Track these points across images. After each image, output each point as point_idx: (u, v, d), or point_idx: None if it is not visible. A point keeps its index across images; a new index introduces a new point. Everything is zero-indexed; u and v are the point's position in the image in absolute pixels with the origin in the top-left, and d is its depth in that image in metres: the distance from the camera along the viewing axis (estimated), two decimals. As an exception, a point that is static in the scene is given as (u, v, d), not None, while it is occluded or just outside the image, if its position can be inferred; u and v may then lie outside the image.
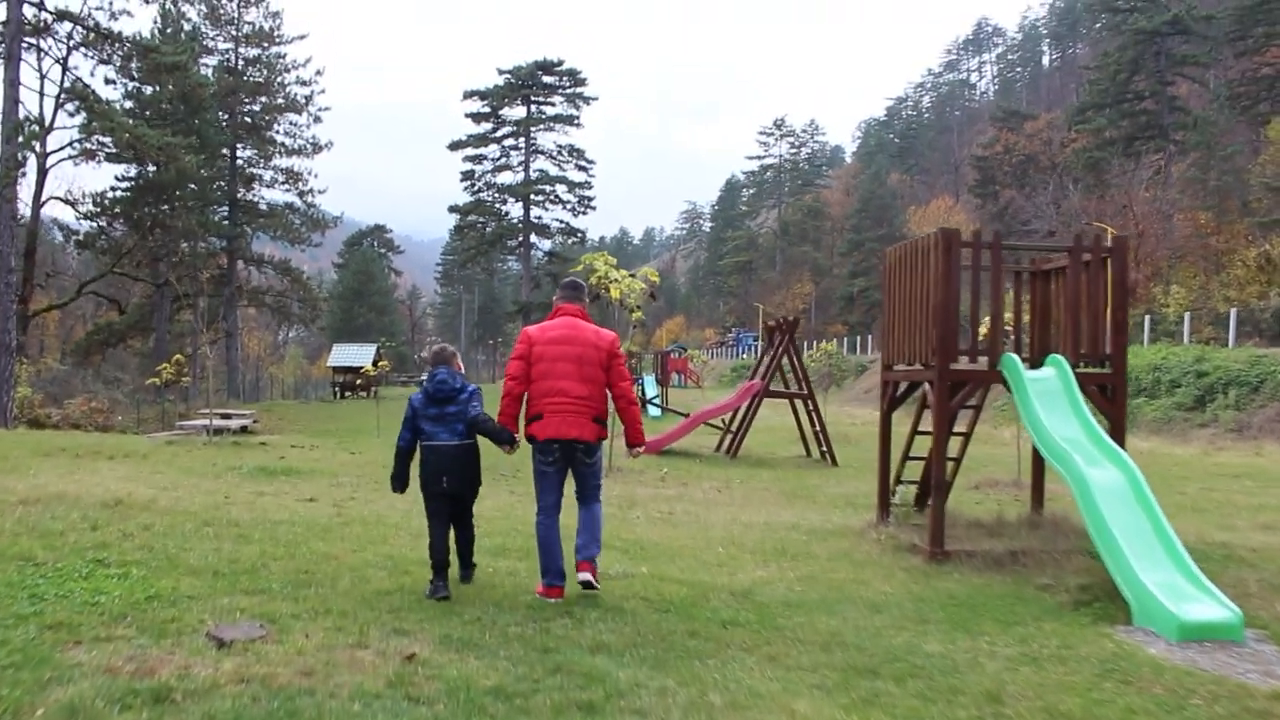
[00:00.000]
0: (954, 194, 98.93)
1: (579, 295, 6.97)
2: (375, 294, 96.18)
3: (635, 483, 14.02)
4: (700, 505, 12.16)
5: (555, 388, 6.45)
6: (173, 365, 30.18)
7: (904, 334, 9.81)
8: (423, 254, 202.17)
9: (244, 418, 35.21)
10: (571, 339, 6.56)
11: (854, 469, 18.43)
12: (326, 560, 7.17)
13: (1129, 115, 68.53)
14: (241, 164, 53.65)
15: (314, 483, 11.86)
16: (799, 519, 11.28)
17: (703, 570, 7.95)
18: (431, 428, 6.59)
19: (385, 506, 10.19)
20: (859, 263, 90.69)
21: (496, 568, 7.41)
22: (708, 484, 14.47)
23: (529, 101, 73.83)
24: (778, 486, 14.67)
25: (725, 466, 17.69)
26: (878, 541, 9.54)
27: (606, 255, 15.02)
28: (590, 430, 6.53)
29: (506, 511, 10.51)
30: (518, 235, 75.23)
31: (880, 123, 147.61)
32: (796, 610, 6.69)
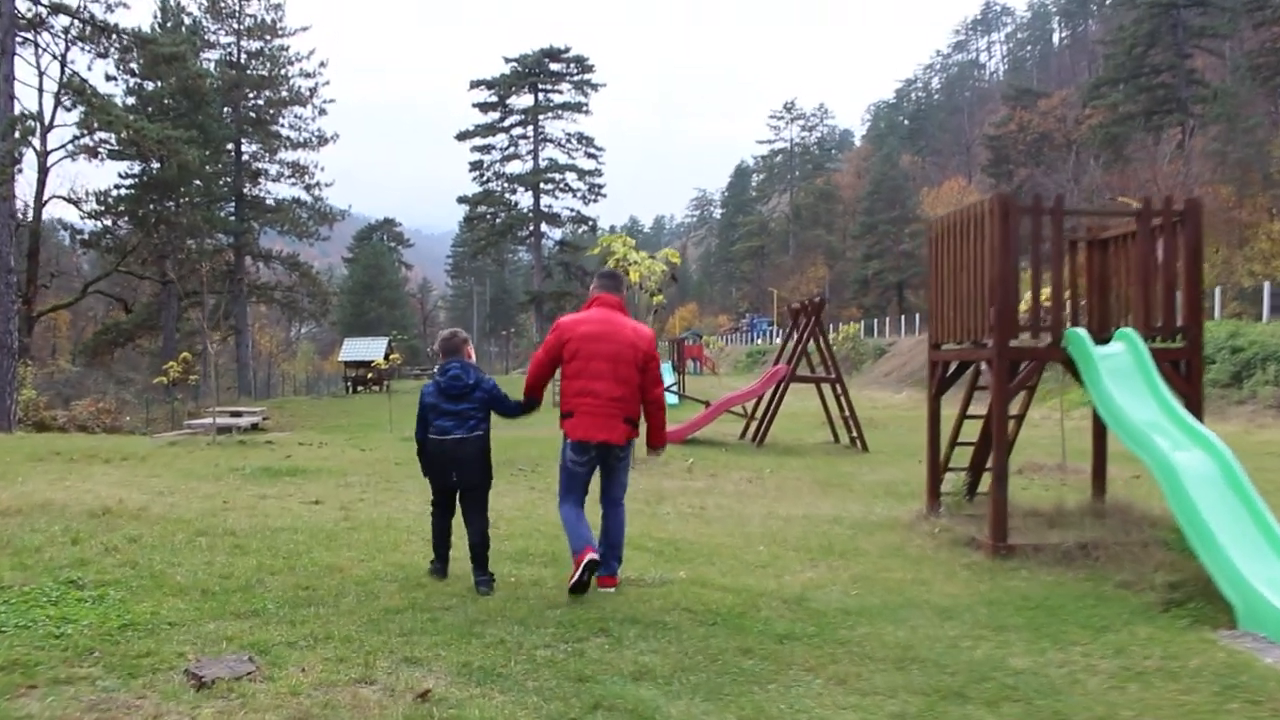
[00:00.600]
0: (966, 175, 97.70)
1: (618, 286, 6.70)
2: (386, 288, 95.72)
3: (661, 474, 13.27)
4: (733, 498, 11.41)
5: (588, 387, 6.24)
6: (180, 363, 29.58)
7: (954, 310, 9.03)
8: (433, 247, 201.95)
9: (254, 415, 34.71)
10: (609, 336, 6.30)
11: (886, 455, 17.67)
12: (330, 573, 6.43)
13: (1146, 90, 67.53)
14: (247, 159, 52.96)
15: (321, 483, 11.14)
16: (840, 511, 10.53)
17: (746, 573, 7.21)
18: (444, 422, 6.31)
19: (397, 508, 9.47)
20: (872, 246, 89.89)
21: (519, 576, 6.67)
22: (737, 474, 13.72)
23: (536, 89, 73.02)
24: (810, 475, 13.91)
25: (753, 455, 16.93)
26: (931, 535, 8.78)
27: (625, 237, 14.27)
28: (620, 432, 6.33)
29: (528, 510, 9.78)
30: (528, 225, 74.47)
31: (890, 105, 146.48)
32: (858, 619, 5.95)
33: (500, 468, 13.83)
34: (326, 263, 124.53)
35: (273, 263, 54.00)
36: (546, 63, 72.27)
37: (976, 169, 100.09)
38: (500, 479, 12.51)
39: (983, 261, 8.29)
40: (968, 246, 8.62)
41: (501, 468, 13.68)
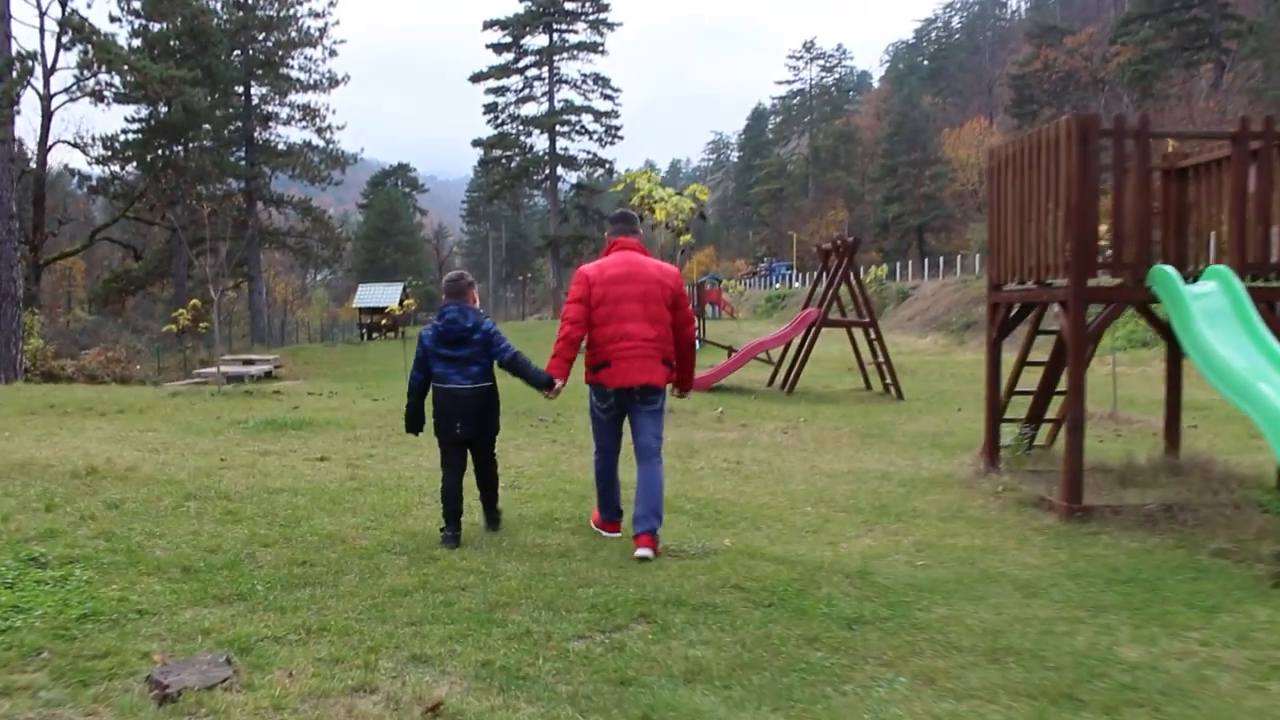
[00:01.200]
0: (988, 115, 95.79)
1: (634, 227, 6.49)
2: (401, 233, 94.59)
3: (690, 425, 12.52)
4: (769, 451, 10.64)
5: (621, 331, 6.00)
6: (189, 310, 28.90)
7: (1020, 247, 8.17)
8: (448, 193, 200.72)
9: (267, 363, 34.14)
10: (634, 276, 6.09)
11: (922, 403, 16.88)
12: (330, 544, 5.71)
13: (1177, 24, 65.61)
14: (256, 102, 51.76)
15: (328, 437, 10.41)
16: (887, 465, 9.76)
17: (797, 540, 6.47)
18: (443, 369, 6.09)
19: (409, 465, 8.75)
20: (893, 188, 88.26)
21: (545, 545, 5.94)
22: (771, 424, 12.95)
23: (551, 29, 71.33)
24: (848, 425, 13.13)
25: (783, 403, 16.16)
26: (994, 494, 8.00)
27: (650, 173, 13.38)
28: (661, 373, 6.13)
29: (550, 466, 9.02)
30: (543, 168, 73.17)
31: (909, 45, 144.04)
32: (932, 597, 5.19)
33: (518, 418, 13.16)
34: (342, 209, 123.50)
35: (285, 208, 53.02)
36: (561, 1, 70.57)
37: (999, 109, 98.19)
38: (519, 431, 11.82)
39: (1056, 191, 7.41)
40: (1037, 175, 7.74)
41: (520, 418, 13.01)
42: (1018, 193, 8.13)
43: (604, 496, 6.38)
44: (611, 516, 6.36)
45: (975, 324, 42.41)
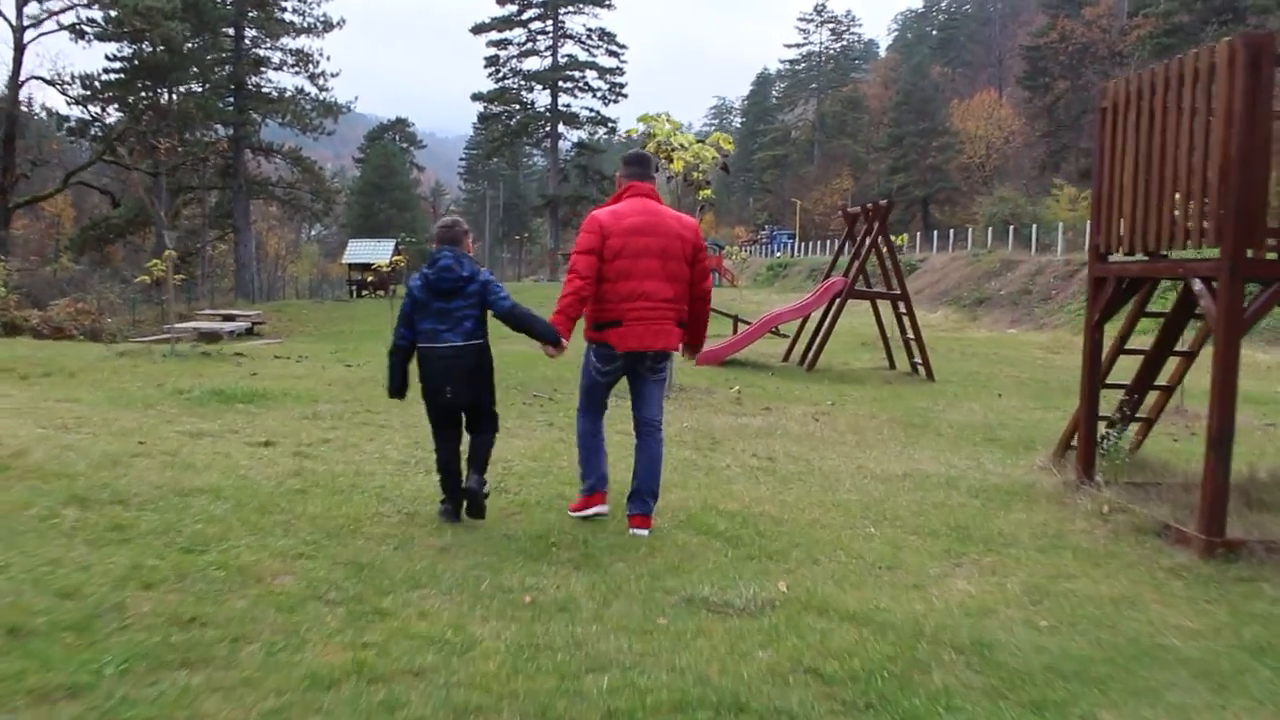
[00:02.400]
0: (997, 87, 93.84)
1: (649, 171, 5.86)
2: (396, 189, 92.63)
3: (706, 406, 10.92)
4: (803, 443, 9.04)
5: (639, 290, 5.45)
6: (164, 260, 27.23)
7: (1142, 207, 6.53)
8: (446, 151, 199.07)
9: (248, 319, 32.50)
10: (653, 228, 5.53)
11: (955, 385, 15.31)
12: (240, 584, 4.11)
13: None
14: (247, 44, 49.39)
15: (282, 413, 8.79)
16: (945, 467, 8.18)
17: (871, 581, 4.91)
18: (433, 325, 5.41)
19: (372, 455, 7.14)
20: (899, 158, 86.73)
21: (539, 589, 4.35)
22: (797, 408, 11.35)
23: (556, -19, 69.24)
24: (884, 412, 11.53)
25: (805, 382, 14.55)
26: (1099, 517, 6.41)
27: (669, 115, 11.66)
28: (675, 337, 5.70)
29: (546, 461, 7.41)
30: (544, 125, 71.13)
31: (918, 15, 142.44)
32: (1083, 689, 3.65)
33: (510, 394, 11.46)
34: (339, 164, 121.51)
35: (274, 157, 50.88)
36: (567, -48, 68.45)
37: (1008, 81, 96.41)
38: (509, 411, 10.14)
39: (1205, 135, 5.77)
40: (1176, 116, 6.09)
41: (512, 393, 11.35)
42: (1144, 137, 6.48)
43: (589, 463, 5.77)
44: (598, 482, 5.74)
45: (988, 300, 40.94)
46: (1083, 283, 36.64)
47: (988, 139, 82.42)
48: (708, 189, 12.19)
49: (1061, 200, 61.48)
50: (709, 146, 11.55)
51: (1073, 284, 37.05)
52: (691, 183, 11.97)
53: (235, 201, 47.40)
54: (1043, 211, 60.57)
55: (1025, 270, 41.37)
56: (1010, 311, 37.97)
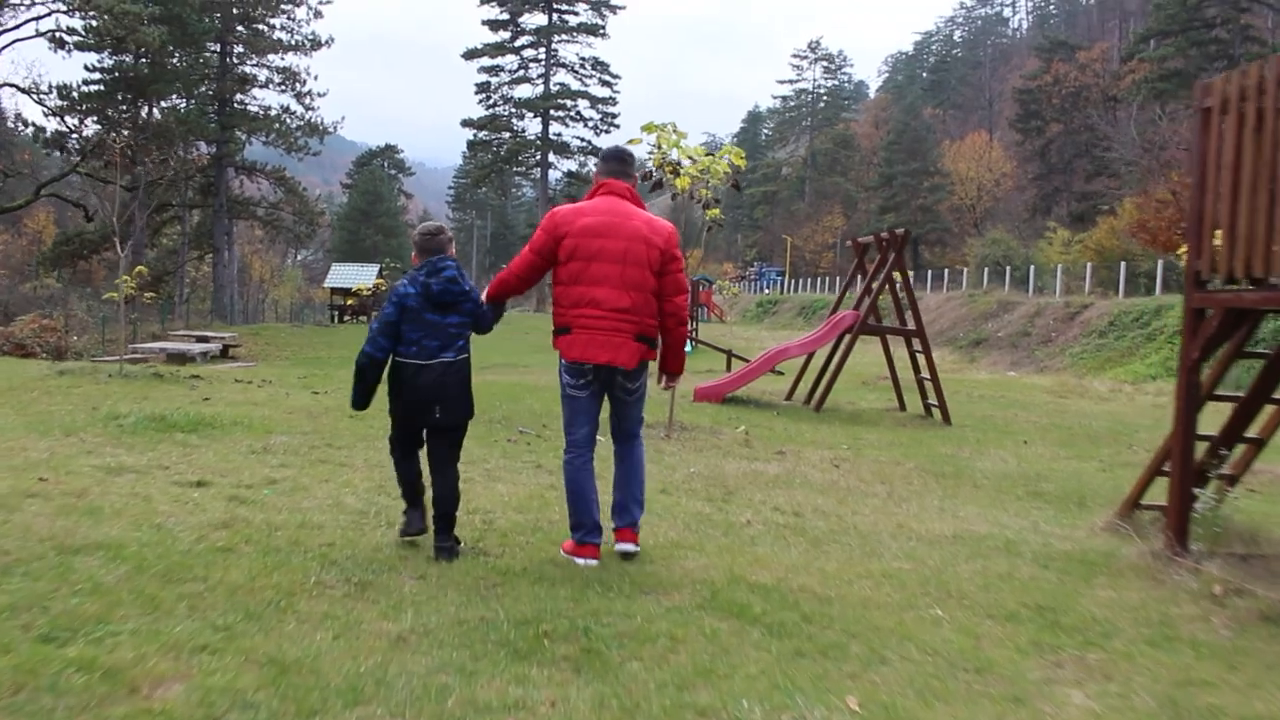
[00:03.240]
0: (988, 130, 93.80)
1: (628, 169, 5.40)
2: (383, 215, 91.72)
3: (713, 449, 9.75)
4: (828, 494, 7.87)
5: (588, 296, 5.01)
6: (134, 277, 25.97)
7: (1248, 224, 5.41)
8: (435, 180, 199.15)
9: (222, 341, 31.25)
10: (615, 230, 5.05)
11: (973, 429, 14.19)
12: (103, 697, 2.89)
13: (1197, 44, 63.52)
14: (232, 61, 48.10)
15: (227, 446, 7.56)
16: (997, 526, 7.04)
17: (961, 692, 3.75)
18: (425, 339, 4.91)
19: (324, 499, 5.93)
20: (889, 198, 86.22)
21: (531, 713, 3.14)
22: (813, 453, 10.19)
23: (550, 8, 68.35)
24: (908, 459, 10.38)
25: (814, 423, 13.39)
26: (1210, 599, 5.25)
27: (675, 126, 10.53)
28: (629, 353, 5.06)
29: (535, 514, 6.19)
30: (534, 153, 70.16)
31: (908, 57, 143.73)
32: None
33: (493, 429, 10.32)
34: (327, 190, 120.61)
35: (257, 177, 49.55)
36: (563, -20, 67.74)
37: (999, 125, 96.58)
38: (491, 449, 8.98)
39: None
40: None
41: (495, 429, 10.20)
42: (1258, 144, 5.38)
43: (578, 508, 5.18)
44: (589, 535, 5.16)
45: (985, 341, 40.00)
46: (1083, 326, 35.86)
47: (979, 181, 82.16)
48: (716, 208, 11.09)
49: (1055, 243, 60.99)
50: (720, 160, 10.43)
51: (1073, 327, 36.15)
52: (698, 200, 10.87)
53: (215, 221, 46.09)
54: (1035, 254, 60.03)
55: (1023, 312, 40.49)
56: (1009, 353, 37.01)
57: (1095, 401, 22.59)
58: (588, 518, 5.16)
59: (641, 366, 5.22)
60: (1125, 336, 31.86)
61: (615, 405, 5.34)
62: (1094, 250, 54.88)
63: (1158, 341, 29.88)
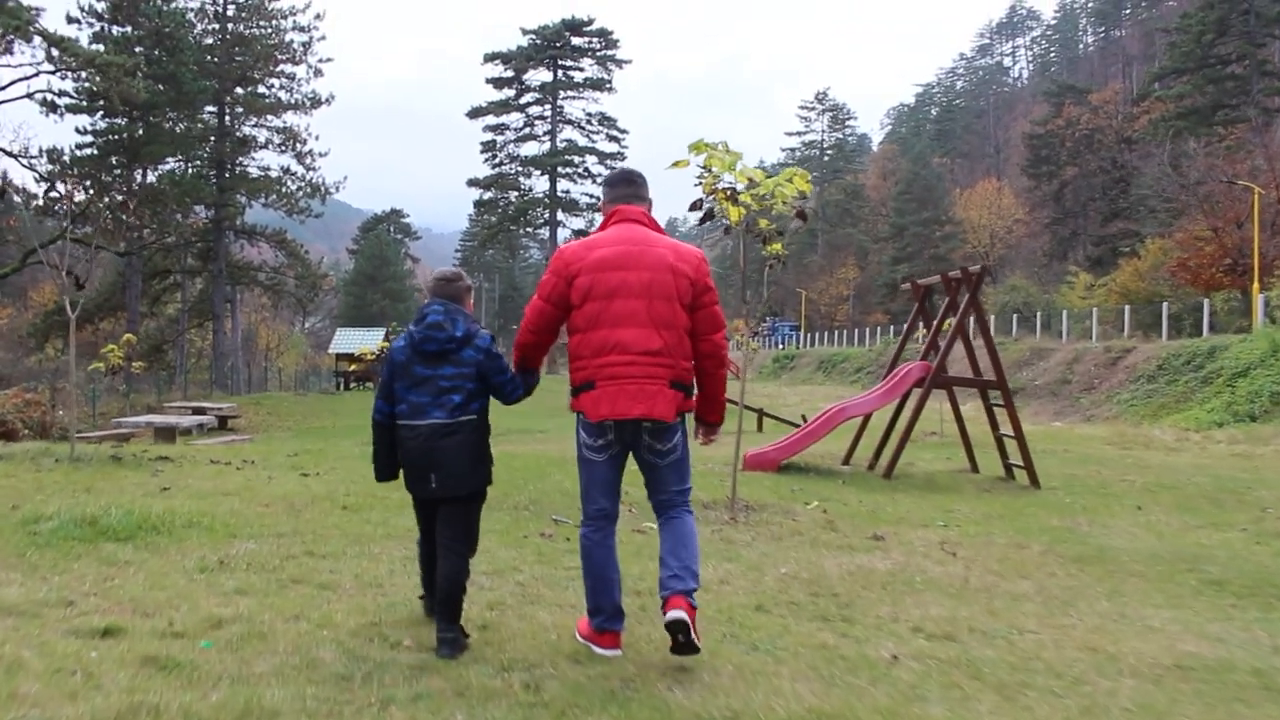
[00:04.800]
0: (995, 176, 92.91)
1: (640, 191, 4.57)
2: (390, 279, 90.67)
3: (793, 535, 7.84)
4: (967, 601, 5.94)
5: (612, 340, 4.21)
6: (122, 346, 24.26)
7: None
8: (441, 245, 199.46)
9: (220, 412, 29.52)
10: (636, 260, 4.26)
11: (1065, 493, 12.34)
12: None
13: (1214, 81, 62.38)
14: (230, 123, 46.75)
15: (171, 559, 5.63)
16: (1214, 643, 5.21)
17: None
18: (416, 398, 4.32)
19: (286, 654, 3.99)
20: (902, 249, 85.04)
21: None
22: (911, 535, 8.28)
23: (555, 65, 67.21)
24: (1027, 538, 8.46)
25: (888, 492, 11.48)
26: None
27: (727, 146, 8.73)
28: (666, 403, 4.23)
29: (603, 664, 4.32)
30: (542, 211, 68.65)
31: (910, 109, 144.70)
32: None
33: (521, 518, 8.39)
34: (334, 258, 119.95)
35: (258, 240, 47.93)
36: (567, 36, 66.49)
37: (1006, 171, 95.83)
38: (524, 549, 7.04)
39: None
40: None
41: (523, 518, 8.29)
42: None
43: (596, 589, 4.32)
44: (609, 621, 4.30)
45: (1023, 390, 37.98)
46: (1129, 371, 33.88)
47: (991, 228, 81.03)
48: (779, 242, 9.29)
49: (1077, 288, 59.52)
50: (787, 182, 8.64)
51: (1117, 372, 34.25)
52: (757, 234, 9.07)
53: (215, 287, 44.49)
54: (1057, 299, 58.57)
55: (1060, 359, 38.64)
56: (1051, 402, 35.06)
57: (1165, 453, 20.64)
58: (607, 601, 4.34)
59: (674, 424, 4.36)
60: (1178, 381, 29.91)
61: (648, 473, 4.45)
62: (1118, 293, 53.35)
63: (1215, 385, 27.92)
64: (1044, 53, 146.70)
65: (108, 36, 36.99)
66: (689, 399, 4.43)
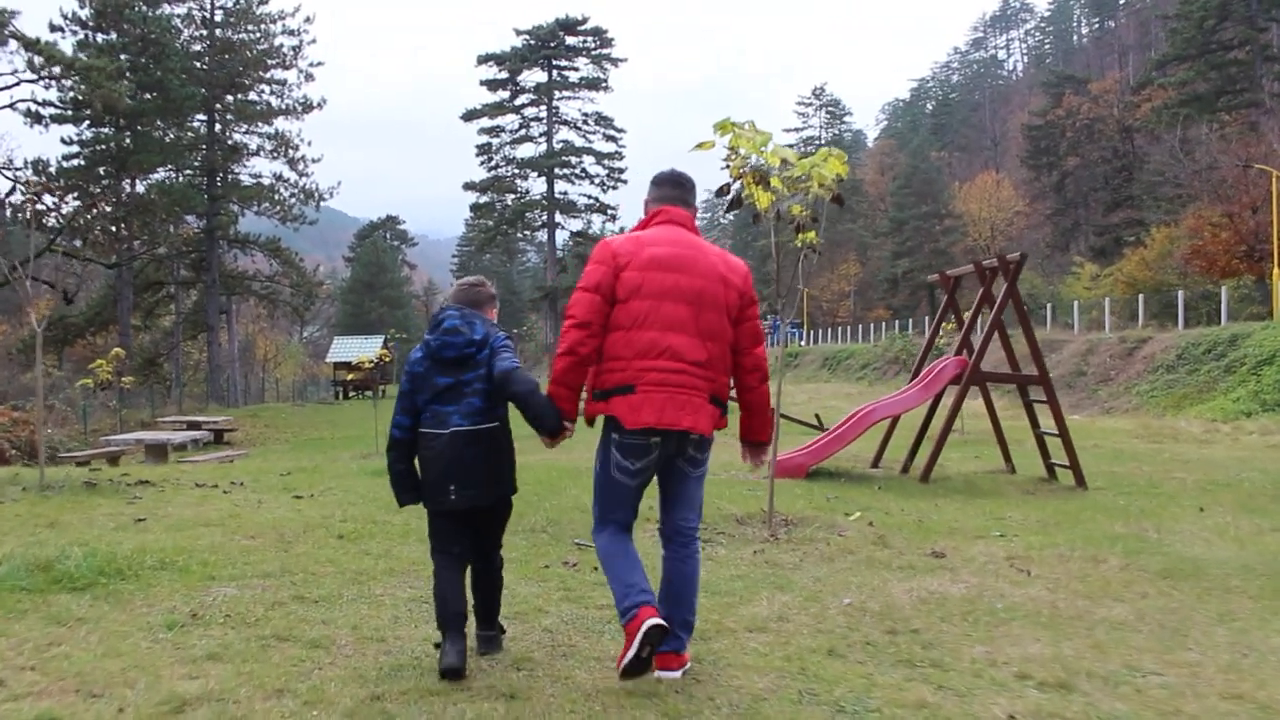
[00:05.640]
0: (994, 169, 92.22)
1: (687, 195, 4.35)
2: (388, 286, 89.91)
3: (845, 555, 6.99)
4: (1067, 634, 5.11)
5: (663, 344, 3.95)
6: (110, 361, 23.41)
7: None
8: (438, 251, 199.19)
9: (215, 426, 28.64)
10: (689, 265, 4.07)
11: (1113, 493, 11.56)
12: None
13: (1217, 66, 61.57)
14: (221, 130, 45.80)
15: (127, 618, 4.64)
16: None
17: None
18: (438, 407, 4.08)
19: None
20: (902, 243, 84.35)
21: None
22: (972, 549, 7.44)
23: (550, 66, 66.30)
24: (1098, 550, 7.61)
25: (930, 497, 10.64)
26: None
27: (754, 125, 7.89)
28: (708, 419, 4.05)
29: None
30: (540, 213, 67.71)
31: (905, 104, 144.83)
32: None
33: (539, 543, 7.24)
34: (331, 266, 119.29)
35: (251, 249, 46.94)
36: (562, 35, 65.54)
37: (1004, 163, 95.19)
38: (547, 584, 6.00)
39: None
40: None
41: (541, 543, 7.36)
42: None
43: (624, 580, 3.88)
44: (638, 598, 3.79)
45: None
46: (1147, 361, 32.98)
47: (991, 220, 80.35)
48: (813, 231, 8.46)
49: (1082, 278, 58.71)
50: (825, 162, 7.81)
51: (1134, 363, 33.41)
52: (790, 221, 8.25)
53: (208, 298, 43.59)
54: (1063, 290, 57.81)
55: (1073, 350, 37.81)
56: (1066, 395, 34.11)
57: (1198, 445, 19.84)
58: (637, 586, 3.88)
59: (711, 437, 4.17)
60: (1199, 370, 29.07)
61: (675, 484, 4.16)
62: (1125, 283, 52.62)
63: (1239, 374, 27.08)
64: (1038, 45, 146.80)
65: (91, 44, 36.11)
66: (723, 416, 4.19)
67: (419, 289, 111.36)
